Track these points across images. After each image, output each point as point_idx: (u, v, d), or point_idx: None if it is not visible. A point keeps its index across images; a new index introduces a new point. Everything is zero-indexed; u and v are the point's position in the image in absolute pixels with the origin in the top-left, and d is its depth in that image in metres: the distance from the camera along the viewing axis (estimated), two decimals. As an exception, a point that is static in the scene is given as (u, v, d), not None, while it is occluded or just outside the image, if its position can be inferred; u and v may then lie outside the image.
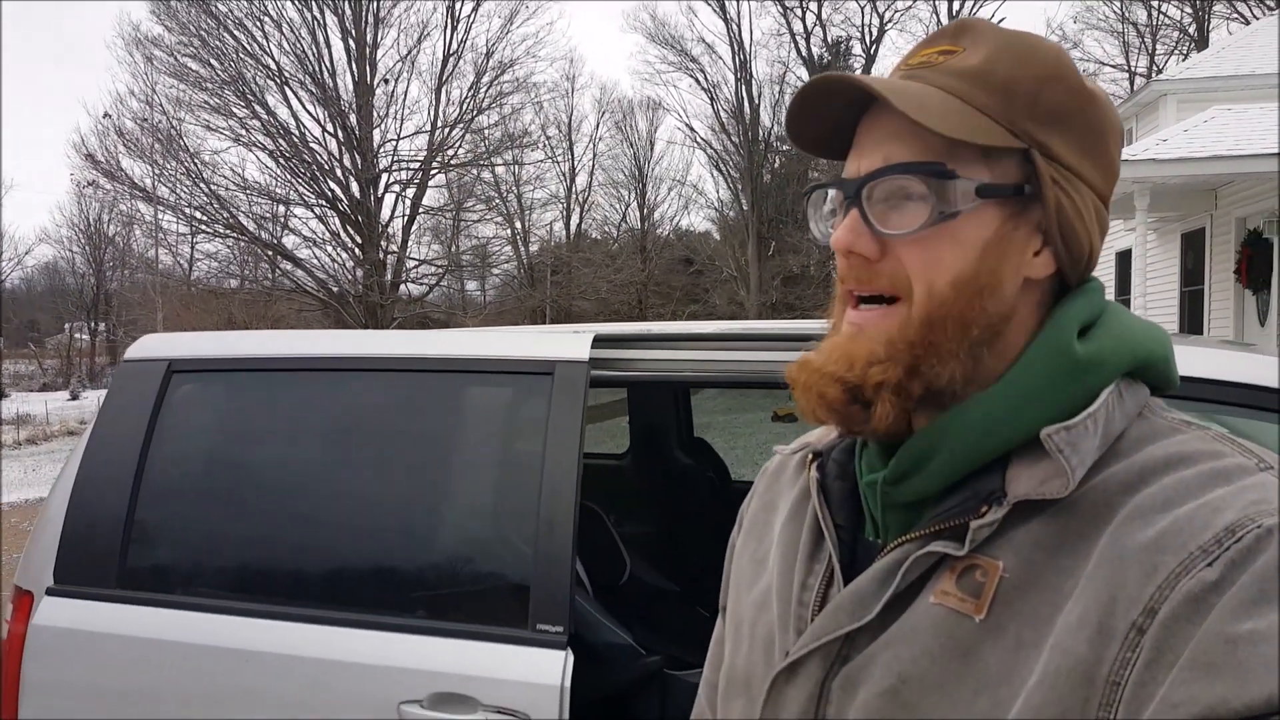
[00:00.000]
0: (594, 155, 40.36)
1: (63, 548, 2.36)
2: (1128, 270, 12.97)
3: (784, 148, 37.69)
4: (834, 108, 0.83)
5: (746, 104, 36.63)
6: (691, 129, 40.49)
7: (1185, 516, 0.70)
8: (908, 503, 0.83)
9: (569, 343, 2.28)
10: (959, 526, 0.78)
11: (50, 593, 2.33)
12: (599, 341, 2.31)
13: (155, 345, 2.59)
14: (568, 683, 1.99)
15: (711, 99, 37.59)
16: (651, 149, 41.03)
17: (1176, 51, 30.72)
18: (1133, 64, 31.67)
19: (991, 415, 0.79)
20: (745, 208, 36.34)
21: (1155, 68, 30.16)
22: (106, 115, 27.01)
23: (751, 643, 0.93)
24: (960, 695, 0.74)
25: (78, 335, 52.14)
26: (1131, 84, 29.84)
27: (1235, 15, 28.04)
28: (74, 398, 32.24)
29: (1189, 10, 30.90)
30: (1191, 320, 14.05)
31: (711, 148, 37.98)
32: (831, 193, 0.89)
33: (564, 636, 2.03)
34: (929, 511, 0.81)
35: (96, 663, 2.28)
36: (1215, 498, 0.70)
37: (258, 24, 26.18)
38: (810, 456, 0.97)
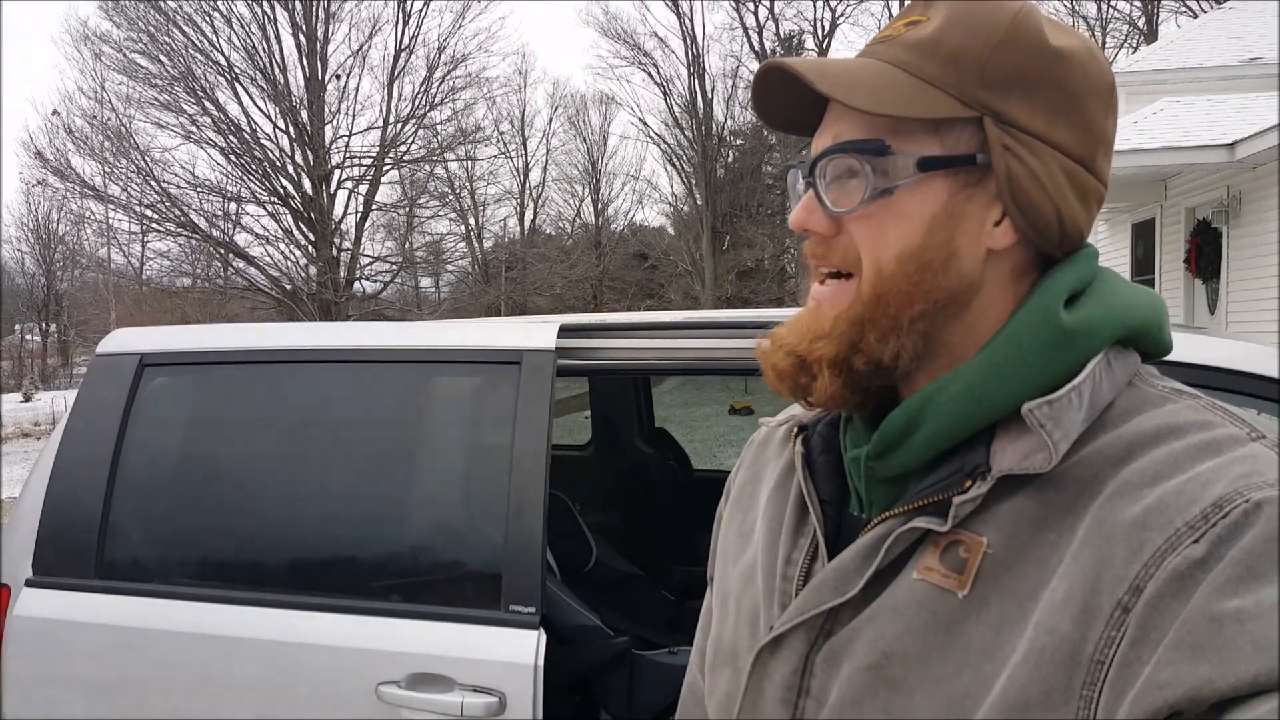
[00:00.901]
0: (547, 151, 40.30)
1: (40, 540, 2.38)
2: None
3: (738, 142, 37.85)
4: (801, 88, 0.81)
5: (700, 98, 36.69)
6: (645, 124, 40.33)
7: (1173, 491, 0.68)
8: (892, 477, 0.83)
9: (536, 332, 2.32)
10: (942, 502, 0.77)
11: (29, 584, 2.36)
12: (565, 331, 2.34)
13: (127, 339, 2.60)
14: (541, 661, 2.03)
15: (665, 93, 37.60)
16: (605, 144, 41.00)
17: (1126, 44, 31.00)
18: (1083, 58, 31.97)
19: (974, 387, 0.77)
20: (699, 202, 36.34)
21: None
22: (55, 113, 26.62)
23: (737, 615, 0.93)
24: (944, 671, 0.73)
25: (29, 336, 51.20)
26: (1083, 77, 30.05)
27: (1184, 9, 28.34)
28: (27, 399, 31.60)
29: (1138, 4, 31.27)
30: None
31: (665, 142, 37.97)
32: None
33: (536, 617, 2.07)
34: (914, 486, 0.81)
35: (78, 652, 2.31)
36: (1204, 470, 0.69)
37: (207, 19, 25.94)
38: (796, 430, 0.96)
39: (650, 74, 37.84)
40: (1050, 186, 0.79)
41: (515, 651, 2.05)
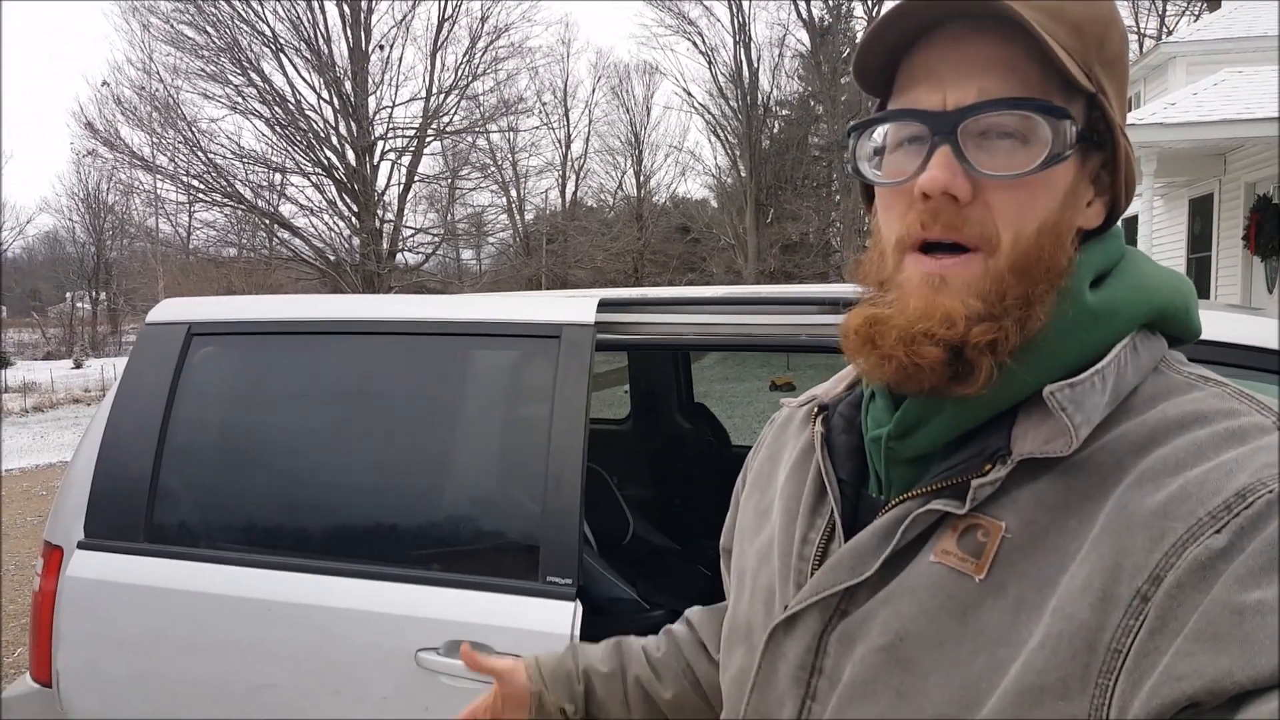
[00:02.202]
0: (590, 121, 40.40)
1: (92, 504, 2.45)
2: (1134, 236, 12.85)
3: (783, 113, 37.44)
4: (890, 39, 0.77)
5: (745, 67, 36.27)
6: (689, 94, 40.32)
7: (1196, 480, 0.66)
8: (912, 459, 0.81)
9: (575, 307, 2.33)
10: (961, 484, 0.75)
11: (81, 546, 2.43)
12: (604, 305, 2.35)
13: (176, 309, 2.66)
14: (577, 632, 2.05)
15: (709, 63, 37.20)
16: (648, 115, 40.98)
17: (1188, 12, 30.01)
18: (1142, 25, 30.87)
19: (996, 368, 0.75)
20: (743, 174, 36.01)
21: (1166, 29, 29.42)
22: (105, 84, 26.93)
23: (753, 593, 0.93)
24: (958, 654, 0.72)
25: (79, 304, 52.24)
26: (1141, 46, 28.95)
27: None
28: (78, 366, 32.30)
29: (1201, -31, 30.30)
30: (1198, 287, 13.80)
31: (709, 113, 37.68)
32: (887, 128, 0.81)
33: (573, 588, 2.09)
34: (934, 468, 0.79)
35: (126, 612, 2.37)
36: (1228, 459, 0.67)
37: (253, -10, 26.00)
38: (816, 410, 0.95)
39: (695, 43, 37.78)
40: (1128, 171, 0.79)
41: (552, 621, 2.08)
